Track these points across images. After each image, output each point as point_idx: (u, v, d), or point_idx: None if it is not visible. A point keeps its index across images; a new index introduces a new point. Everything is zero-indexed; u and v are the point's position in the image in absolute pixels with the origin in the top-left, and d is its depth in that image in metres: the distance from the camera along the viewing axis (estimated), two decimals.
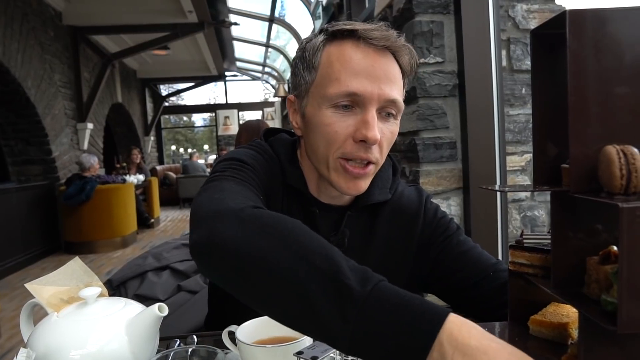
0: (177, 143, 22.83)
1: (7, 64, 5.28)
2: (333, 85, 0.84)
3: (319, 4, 7.41)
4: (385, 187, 1.01)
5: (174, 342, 0.85)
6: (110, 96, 9.09)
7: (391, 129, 0.88)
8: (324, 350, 0.60)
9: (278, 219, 0.64)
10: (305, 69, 0.90)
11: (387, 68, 0.85)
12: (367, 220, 1.00)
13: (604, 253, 0.53)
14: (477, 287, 0.95)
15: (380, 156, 0.88)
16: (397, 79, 0.87)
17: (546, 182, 0.63)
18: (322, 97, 0.86)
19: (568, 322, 0.65)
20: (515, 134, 2.24)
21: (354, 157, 0.85)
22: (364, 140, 0.83)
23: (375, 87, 0.83)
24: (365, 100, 0.83)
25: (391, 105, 0.86)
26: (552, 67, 0.62)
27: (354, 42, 0.85)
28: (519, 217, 2.24)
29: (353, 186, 0.88)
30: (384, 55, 0.85)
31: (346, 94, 0.83)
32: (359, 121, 0.84)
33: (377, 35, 0.84)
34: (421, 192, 1.08)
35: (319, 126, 0.86)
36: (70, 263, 0.82)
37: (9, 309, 3.98)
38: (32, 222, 5.98)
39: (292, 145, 1.01)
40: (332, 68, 0.85)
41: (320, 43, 0.88)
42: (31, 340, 0.70)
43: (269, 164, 0.94)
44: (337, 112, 0.85)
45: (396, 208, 1.02)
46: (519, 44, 2.22)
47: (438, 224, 1.03)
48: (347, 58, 0.84)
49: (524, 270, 0.68)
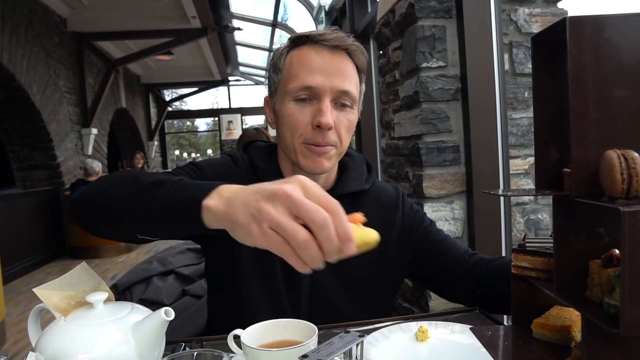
0: (180, 148, 22.87)
1: (12, 70, 5.32)
2: (293, 81, 0.99)
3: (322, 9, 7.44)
4: (360, 179, 1.13)
5: (179, 346, 0.86)
6: (114, 101, 9.14)
7: (347, 117, 1.01)
8: (329, 354, 0.60)
9: (130, 172, 0.85)
10: (273, 72, 1.06)
11: (339, 64, 0.99)
12: (348, 209, 1.04)
13: (606, 256, 0.53)
14: (453, 271, 1.10)
15: (339, 140, 1.00)
16: (350, 73, 1.01)
17: (548, 186, 0.63)
18: (285, 92, 1.00)
19: (571, 325, 0.66)
20: (519, 138, 2.24)
21: (314, 142, 0.98)
22: (319, 125, 0.96)
23: (328, 80, 0.97)
24: (319, 92, 0.97)
25: (344, 95, 0.99)
26: (553, 73, 0.63)
27: (310, 46, 1.00)
28: (523, 221, 2.24)
29: (317, 164, 1.00)
30: (336, 53, 1.00)
31: (303, 88, 0.97)
32: (315, 110, 0.98)
33: (329, 37, 0.98)
34: (397, 188, 1.20)
35: (284, 117, 1.01)
36: (77, 268, 0.83)
37: (14, 313, 4.00)
38: (37, 227, 6.01)
39: (267, 149, 1.16)
40: (292, 68, 1.00)
41: (285, 49, 1.04)
42: (39, 344, 0.71)
43: (229, 167, 1.09)
44: (297, 104, 0.99)
45: (375, 199, 1.13)
46: (522, 48, 2.22)
47: (415, 216, 1.17)
48: (304, 59, 1.00)
49: (527, 273, 0.68)
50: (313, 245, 0.55)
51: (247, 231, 0.59)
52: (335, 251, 0.55)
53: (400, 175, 2.66)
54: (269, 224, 0.56)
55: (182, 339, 0.93)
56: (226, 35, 8.96)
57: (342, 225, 0.56)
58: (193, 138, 25.10)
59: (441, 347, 0.84)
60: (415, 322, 0.92)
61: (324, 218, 0.54)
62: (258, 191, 0.60)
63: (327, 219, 0.54)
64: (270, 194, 0.58)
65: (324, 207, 0.56)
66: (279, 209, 0.56)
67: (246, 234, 0.59)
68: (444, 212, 2.29)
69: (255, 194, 0.60)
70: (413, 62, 2.30)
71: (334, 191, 1.07)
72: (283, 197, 0.56)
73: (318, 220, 0.54)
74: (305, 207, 0.55)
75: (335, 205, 0.57)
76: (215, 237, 1.03)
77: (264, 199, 0.58)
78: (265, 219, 0.57)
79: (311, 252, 0.55)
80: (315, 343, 0.70)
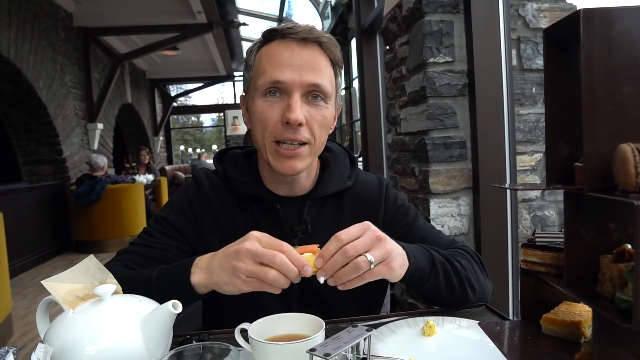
0: (185, 143, 22.95)
1: (19, 65, 5.34)
2: (261, 77, 0.96)
3: (328, 4, 7.41)
4: (342, 177, 1.10)
5: (186, 339, 0.86)
6: (120, 97, 9.16)
7: (320, 112, 0.97)
8: (337, 347, 0.60)
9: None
10: (245, 70, 1.03)
11: (308, 57, 0.95)
12: (332, 208, 1.09)
13: (618, 251, 0.53)
14: None
15: (312, 137, 0.97)
16: (321, 66, 0.97)
17: (558, 180, 0.63)
18: (254, 89, 0.98)
19: (581, 321, 0.65)
20: (526, 134, 2.23)
21: (284, 139, 0.95)
22: (288, 122, 0.92)
23: (297, 74, 0.93)
24: (287, 86, 0.94)
25: (315, 89, 0.95)
26: (565, 66, 0.62)
27: (279, 40, 0.97)
28: (529, 217, 2.23)
29: (288, 166, 0.97)
30: (305, 46, 0.96)
31: (270, 83, 0.94)
32: (285, 106, 0.94)
33: (297, 30, 0.95)
34: (381, 180, 1.16)
35: (254, 115, 0.98)
36: (85, 260, 0.83)
37: (20, 307, 4.03)
38: (43, 221, 6.05)
39: (243, 156, 1.13)
40: (261, 64, 0.97)
41: (255, 47, 1.01)
42: (48, 336, 0.71)
43: (192, 194, 1.09)
44: (266, 100, 0.96)
45: (358, 195, 1.11)
46: (530, 43, 2.21)
47: (398, 210, 1.13)
48: (272, 53, 0.96)
49: (536, 268, 0.68)
50: (280, 276, 0.75)
51: (233, 285, 0.79)
52: (297, 276, 0.75)
53: (406, 171, 2.65)
54: (245, 274, 0.76)
55: (189, 332, 0.93)
56: (232, 31, 8.95)
57: (295, 257, 0.76)
58: (198, 133, 25.17)
59: (448, 342, 0.84)
60: (422, 317, 0.92)
61: (279, 258, 0.74)
62: (227, 254, 0.80)
63: (282, 258, 0.74)
64: (237, 253, 0.77)
65: (277, 249, 0.76)
66: (247, 262, 0.76)
67: (232, 287, 0.79)
68: (449, 208, 2.28)
69: (226, 257, 0.80)
70: (420, 57, 2.29)
71: (315, 193, 1.06)
72: (246, 253, 0.76)
73: (276, 261, 0.74)
74: (264, 255, 0.75)
75: (285, 246, 0.77)
76: (203, 244, 1.05)
77: (234, 258, 0.77)
78: (241, 271, 0.76)
79: (280, 282, 0.75)
80: (323, 337, 0.70)
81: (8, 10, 5.18)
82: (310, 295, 1.03)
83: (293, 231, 1.05)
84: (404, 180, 2.71)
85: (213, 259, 0.83)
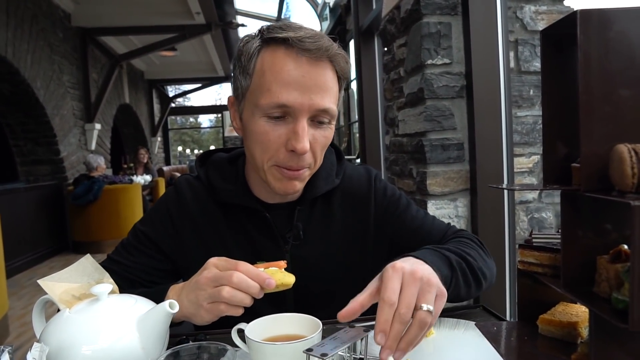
0: (183, 144, 22.93)
1: (17, 64, 5.32)
2: (265, 95, 0.86)
3: (326, 6, 7.42)
4: (330, 175, 1.05)
5: (183, 339, 0.86)
6: (117, 97, 9.15)
7: (324, 134, 0.91)
8: (334, 348, 0.60)
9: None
10: (241, 74, 0.91)
11: (319, 77, 0.86)
12: (321, 209, 1.05)
13: (614, 252, 0.53)
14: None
15: (314, 160, 0.92)
16: (330, 87, 0.89)
17: (556, 181, 0.63)
18: (255, 105, 0.88)
19: (577, 321, 0.65)
20: (523, 136, 2.23)
21: (287, 166, 0.89)
22: (294, 150, 0.86)
23: (306, 98, 0.85)
24: (295, 111, 0.85)
25: (323, 114, 0.88)
26: (562, 67, 0.62)
27: (287, 50, 0.86)
28: (527, 219, 2.24)
29: (289, 187, 0.92)
30: (316, 64, 0.86)
31: (277, 105, 0.85)
32: (290, 131, 0.86)
33: (310, 46, 0.84)
34: (370, 172, 1.11)
35: (253, 134, 0.90)
36: (82, 260, 0.83)
37: (17, 307, 4.01)
38: (40, 221, 6.03)
39: (228, 162, 1.07)
40: (265, 78, 0.86)
41: (255, 49, 0.89)
42: (44, 336, 0.71)
43: (171, 204, 1.05)
44: (269, 121, 0.87)
45: (347, 192, 1.07)
46: (527, 45, 2.21)
47: (389, 202, 1.08)
48: (278, 68, 0.85)
49: (533, 269, 0.68)
50: (237, 293, 0.75)
51: (199, 316, 0.79)
52: (259, 291, 0.76)
53: (404, 172, 2.66)
54: (207, 301, 0.77)
55: (186, 332, 0.93)
56: (230, 32, 8.94)
57: (254, 274, 0.76)
58: (196, 134, 25.15)
59: (445, 342, 0.84)
60: None
61: (236, 276, 0.74)
62: (190, 287, 0.81)
63: (239, 276, 0.75)
64: (197, 284, 0.79)
65: (233, 269, 0.76)
66: (207, 289, 0.77)
67: (199, 318, 0.79)
68: (447, 209, 2.28)
69: (190, 291, 0.80)
70: (418, 59, 2.30)
71: (305, 196, 1.01)
72: (205, 281, 0.77)
73: (233, 280, 0.74)
74: (221, 277, 0.76)
75: (242, 265, 0.77)
76: (187, 261, 1.02)
77: (196, 289, 0.79)
78: (203, 299, 0.77)
79: (236, 299, 0.75)
80: (320, 337, 0.69)
81: (6, 10, 5.17)
82: (304, 303, 1.00)
83: (285, 239, 1.01)
84: (402, 181, 2.71)
85: (181, 291, 0.83)
